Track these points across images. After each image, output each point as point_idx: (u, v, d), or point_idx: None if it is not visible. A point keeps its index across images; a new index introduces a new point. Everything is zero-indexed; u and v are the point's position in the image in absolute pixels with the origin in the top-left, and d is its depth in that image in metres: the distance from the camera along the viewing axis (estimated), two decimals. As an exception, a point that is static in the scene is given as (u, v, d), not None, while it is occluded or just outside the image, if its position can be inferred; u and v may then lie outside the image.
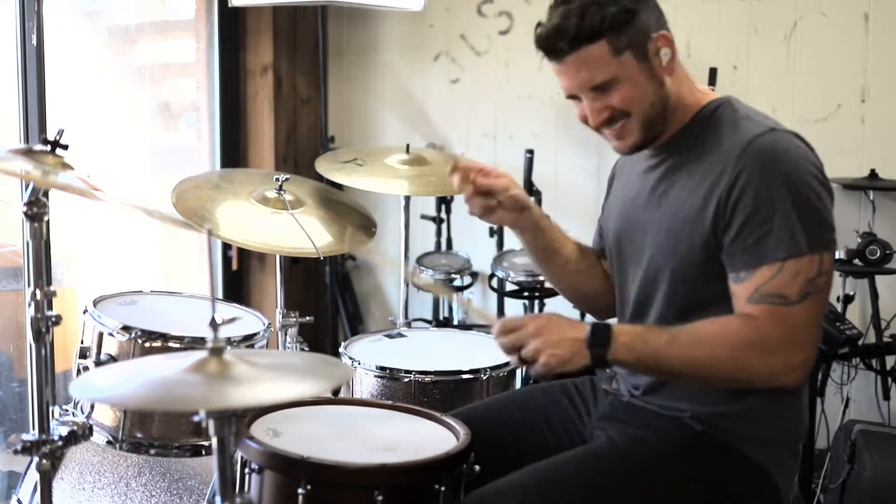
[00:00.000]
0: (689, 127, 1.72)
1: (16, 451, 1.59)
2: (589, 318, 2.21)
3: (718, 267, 1.63)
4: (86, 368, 2.05)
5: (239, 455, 1.62)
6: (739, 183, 1.59)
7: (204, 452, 2.06)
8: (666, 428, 1.70)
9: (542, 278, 3.06)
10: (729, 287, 1.62)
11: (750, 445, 1.67)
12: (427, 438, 1.68)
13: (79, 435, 1.66)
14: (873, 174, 3.17)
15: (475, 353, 2.32)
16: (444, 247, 3.70)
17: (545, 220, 1.90)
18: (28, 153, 1.66)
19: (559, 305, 2.45)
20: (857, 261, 2.89)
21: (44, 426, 1.62)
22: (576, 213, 3.68)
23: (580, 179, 3.71)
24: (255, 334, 2.13)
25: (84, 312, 2.12)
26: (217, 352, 1.27)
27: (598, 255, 2.00)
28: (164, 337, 2.03)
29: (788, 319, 1.56)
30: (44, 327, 1.63)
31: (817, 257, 1.56)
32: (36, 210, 1.61)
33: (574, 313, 2.87)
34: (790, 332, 1.56)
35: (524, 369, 1.76)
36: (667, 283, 1.71)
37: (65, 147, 1.69)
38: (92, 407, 2.06)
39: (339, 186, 2.70)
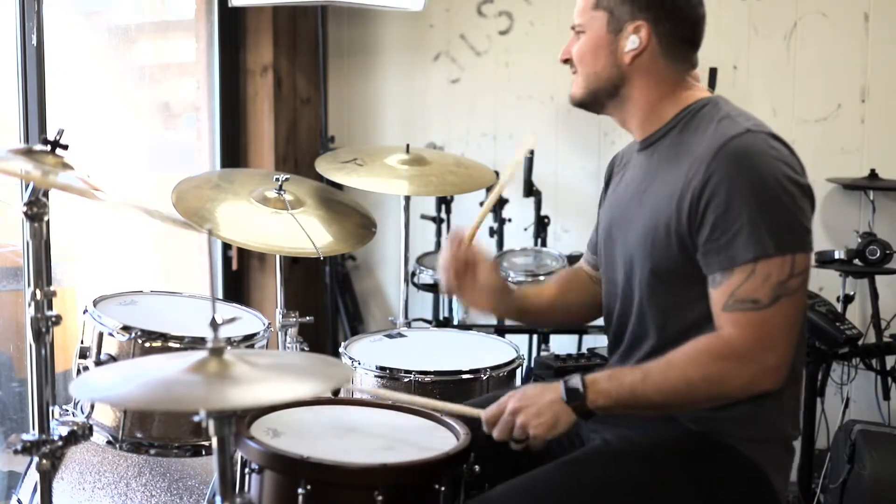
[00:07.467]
0: (674, 125, 1.73)
1: (16, 451, 1.59)
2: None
3: (696, 268, 1.64)
4: (86, 368, 2.05)
5: (239, 455, 1.62)
6: (711, 184, 1.59)
7: (204, 452, 2.06)
8: (661, 429, 1.70)
9: (542, 278, 3.06)
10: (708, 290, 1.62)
11: (745, 443, 1.68)
12: (427, 438, 1.68)
13: (79, 435, 1.66)
14: (873, 174, 3.17)
15: (475, 353, 2.32)
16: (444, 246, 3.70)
17: (521, 302, 1.94)
18: (28, 153, 1.66)
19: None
20: (857, 261, 2.89)
21: (44, 426, 1.62)
22: (576, 213, 3.68)
23: (580, 179, 3.71)
24: (255, 334, 2.12)
25: (84, 312, 2.11)
26: (217, 352, 1.27)
27: (588, 272, 2.03)
28: (164, 337, 2.03)
29: (759, 324, 1.56)
30: (44, 327, 1.63)
31: (789, 258, 1.56)
32: (36, 210, 1.61)
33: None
34: (761, 337, 1.57)
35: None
36: (647, 284, 1.71)
37: (65, 147, 1.69)
38: (92, 407, 2.05)
39: (339, 186, 2.70)
